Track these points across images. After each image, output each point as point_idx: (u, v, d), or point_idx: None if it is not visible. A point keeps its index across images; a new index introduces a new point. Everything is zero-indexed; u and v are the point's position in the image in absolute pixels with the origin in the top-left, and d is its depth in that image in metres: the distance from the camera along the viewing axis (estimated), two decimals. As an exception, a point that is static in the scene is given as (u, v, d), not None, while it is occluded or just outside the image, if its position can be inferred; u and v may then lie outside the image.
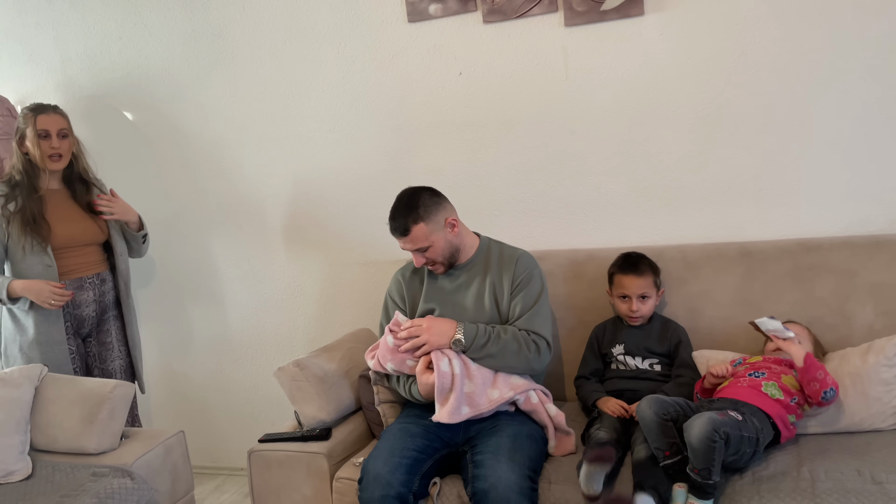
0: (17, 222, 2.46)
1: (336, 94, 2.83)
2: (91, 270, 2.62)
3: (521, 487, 1.84)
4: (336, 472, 2.11)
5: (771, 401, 1.92)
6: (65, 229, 2.54)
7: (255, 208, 3.02)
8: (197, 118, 3.02)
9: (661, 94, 2.47)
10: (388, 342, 2.11)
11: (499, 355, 2.06)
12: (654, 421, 1.83)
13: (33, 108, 2.54)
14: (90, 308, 2.62)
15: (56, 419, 2.26)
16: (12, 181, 2.52)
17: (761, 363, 2.05)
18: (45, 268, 2.49)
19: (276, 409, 3.12)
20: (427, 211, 2.12)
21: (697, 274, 2.35)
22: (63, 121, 2.56)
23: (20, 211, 2.46)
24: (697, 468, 1.72)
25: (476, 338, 2.05)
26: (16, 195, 2.48)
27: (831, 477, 1.76)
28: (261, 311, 3.09)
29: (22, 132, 2.52)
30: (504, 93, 2.63)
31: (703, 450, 1.71)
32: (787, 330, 2.02)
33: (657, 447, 1.84)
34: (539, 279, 2.19)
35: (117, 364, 2.72)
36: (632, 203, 2.56)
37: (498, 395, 2.05)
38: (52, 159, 2.52)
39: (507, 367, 2.08)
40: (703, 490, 1.73)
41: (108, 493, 2.02)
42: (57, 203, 2.57)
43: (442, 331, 2.06)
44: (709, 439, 1.70)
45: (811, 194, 2.38)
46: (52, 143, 2.51)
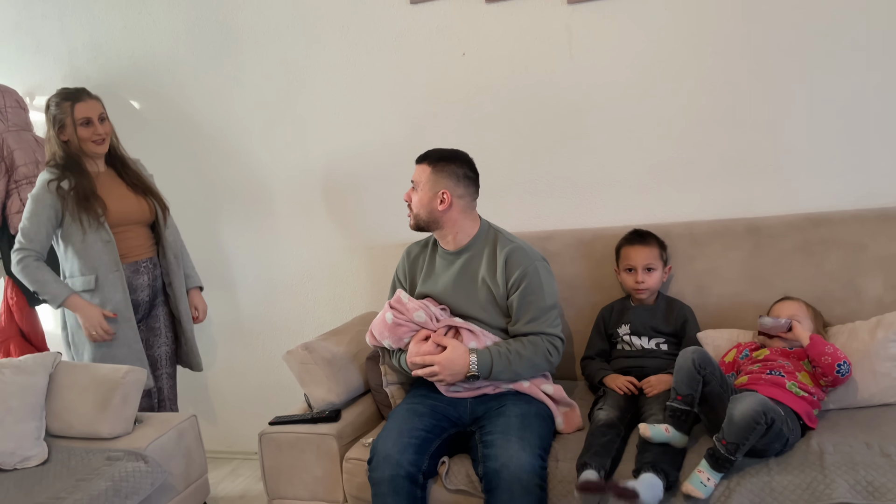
0: (72, 199, 2.44)
1: (340, 79, 2.82)
2: (145, 254, 2.62)
3: (532, 466, 1.85)
4: (346, 453, 2.13)
5: (798, 399, 1.90)
6: (119, 206, 2.53)
7: (263, 194, 3.03)
8: (203, 105, 3.03)
9: (667, 69, 2.44)
10: (387, 319, 2.12)
11: (520, 371, 2.07)
12: (687, 367, 1.84)
13: (67, 96, 2.50)
14: (144, 293, 2.62)
15: (71, 405, 2.29)
16: (59, 165, 2.50)
17: (771, 359, 2.01)
18: (104, 244, 2.47)
19: (288, 394, 3.14)
20: (444, 167, 2.14)
21: (705, 251, 2.34)
22: (99, 105, 2.55)
23: (74, 189, 2.45)
24: (727, 440, 1.71)
25: (493, 366, 2.03)
26: (66, 175, 2.47)
27: (840, 450, 1.76)
28: (271, 297, 3.11)
29: (61, 122, 2.48)
30: (508, 73, 2.61)
31: (743, 427, 1.69)
32: (779, 319, 2.03)
33: (676, 388, 1.86)
34: (536, 273, 2.09)
35: (163, 350, 2.72)
36: (638, 181, 2.54)
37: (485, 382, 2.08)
38: (97, 143, 2.51)
39: (528, 377, 2.09)
40: (720, 463, 1.72)
41: (123, 476, 2.05)
42: (106, 183, 2.55)
43: (456, 370, 2.03)
44: (753, 419, 1.68)
45: (819, 168, 2.36)
46: (97, 130, 2.50)
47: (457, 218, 2.16)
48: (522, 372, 2.06)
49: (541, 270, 2.11)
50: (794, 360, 1.99)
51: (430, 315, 2.12)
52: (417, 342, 2.10)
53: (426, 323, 2.11)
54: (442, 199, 2.13)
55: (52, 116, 2.51)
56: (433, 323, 2.12)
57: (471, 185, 2.18)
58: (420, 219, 2.17)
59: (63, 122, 2.48)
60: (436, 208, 2.14)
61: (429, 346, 2.07)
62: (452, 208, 2.14)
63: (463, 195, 2.16)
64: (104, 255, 2.49)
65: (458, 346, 2.05)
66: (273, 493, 2.24)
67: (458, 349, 2.04)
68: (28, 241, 2.44)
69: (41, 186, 2.46)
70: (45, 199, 2.45)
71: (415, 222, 2.19)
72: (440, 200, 2.13)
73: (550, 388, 2.11)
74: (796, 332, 2.00)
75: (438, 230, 2.19)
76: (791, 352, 2.01)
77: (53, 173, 2.48)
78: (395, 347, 2.17)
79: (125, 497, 2.02)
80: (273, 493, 2.24)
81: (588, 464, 1.83)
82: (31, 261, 2.44)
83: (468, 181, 2.17)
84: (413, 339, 2.12)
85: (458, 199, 2.15)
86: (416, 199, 2.16)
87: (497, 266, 2.13)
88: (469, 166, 2.18)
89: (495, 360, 2.03)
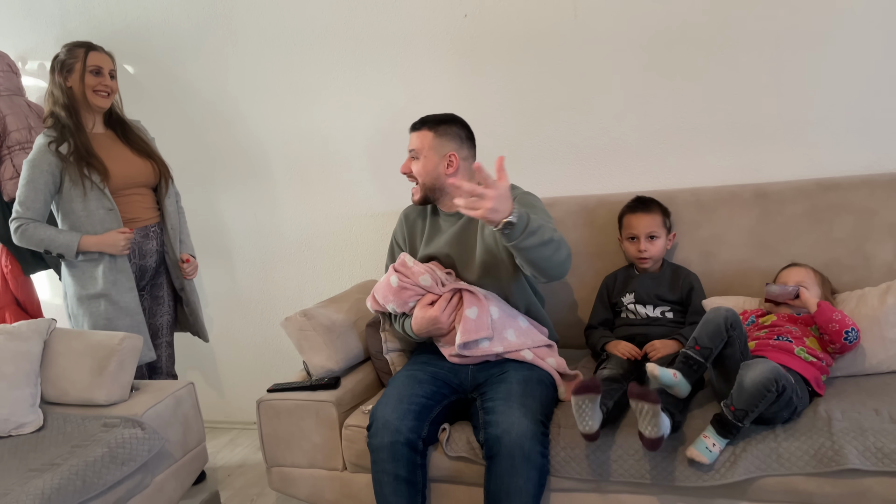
0: (72, 162, 2.37)
1: (339, 42, 2.76)
2: (153, 218, 2.56)
3: (533, 433, 1.82)
4: (345, 421, 2.10)
5: (807, 364, 1.86)
6: (122, 168, 2.47)
7: (260, 161, 2.98)
8: (198, 70, 2.97)
9: (673, 32, 2.38)
10: (392, 282, 2.09)
11: (547, 240, 1.78)
12: (717, 322, 1.77)
13: (82, 44, 2.45)
14: (153, 258, 2.57)
15: (66, 372, 2.26)
16: (60, 122, 2.42)
17: (778, 324, 1.98)
18: (106, 211, 2.42)
19: (287, 363, 3.12)
20: (445, 130, 2.09)
21: (711, 217, 2.29)
22: (112, 62, 2.49)
23: (74, 151, 2.38)
24: (735, 407, 1.67)
25: (530, 220, 1.75)
26: (66, 136, 2.40)
27: (848, 417, 1.73)
28: (268, 266, 3.07)
29: (69, 66, 2.41)
30: (511, 34, 2.55)
31: (753, 394, 1.65)
32: (786, 286, 1.99)
33: (697, 338, 1.79)
34: (532, 195, 2.07)
35: (165, 319, 2.68)
36: (643, 146, 2.49)
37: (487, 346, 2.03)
38: (100, 94, 2.44)
39: (551, 255, 1.80)
40: (726, 429, 1.69)
41: (119, 442, 2.03)
42: (105, 145, 2.49)
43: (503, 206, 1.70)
44: (764, 387, 1.65)
45: (829, 133, 2.30)
46: (105, 81, 2.44)
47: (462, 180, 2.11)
48: (549, 241, 1.78)
49: (536, 197, 2.07)
50: (802, 326, 1.95)
51: (435, 279, 2.08)
52: (423, 306, 2.06)
53: (432, 287, 2.07)
54: (450, 162, 2.09)
55: (60, 63, 2.43)
56: (439, 287, 2.08)
57: (472, 146, 2.16)
58: (427, 188, 2.13)
59: (72, 66, 2.41)
60: (443, 173, 2.10)
61: (436, 309, 2.03)
62: (459, 171, 2.11)
63: (467, 156, 2.13)
64: (108, 222, 2.43)
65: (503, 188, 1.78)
66: (272, 460, 2.22)
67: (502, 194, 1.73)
68: (25, 208, 2.38)
69: (39, 149, 2.39)
70: (43, 163, 2.37)
71: (422, 194, 2.14)
72: (448, 164, 2.09)
73: (554, 361, 2.07)
74: (804, 298, 1.96)
75: (443, 197, 2.14)
76: (798, 318, 1.98)
77: (50, 135, 2.41)
78: (399, 312, 2.13)
79: (122, 464, 2.00)
80: (272, 460, 2.22)
81: None
82: (26, 226, 2.39)
83: (469, 142, 2.15)
84: (418, 304, 2.08)
85: (464, 160, 2.12)
86: (419, 168, 2.11)
87: None
88: (466, 127, 2.16)
89: (532, 218, 1.76)
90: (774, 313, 2.02)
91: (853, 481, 1.65)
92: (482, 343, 2.03)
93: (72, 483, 1.86)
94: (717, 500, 1.76)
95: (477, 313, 2.01)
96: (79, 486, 1.87)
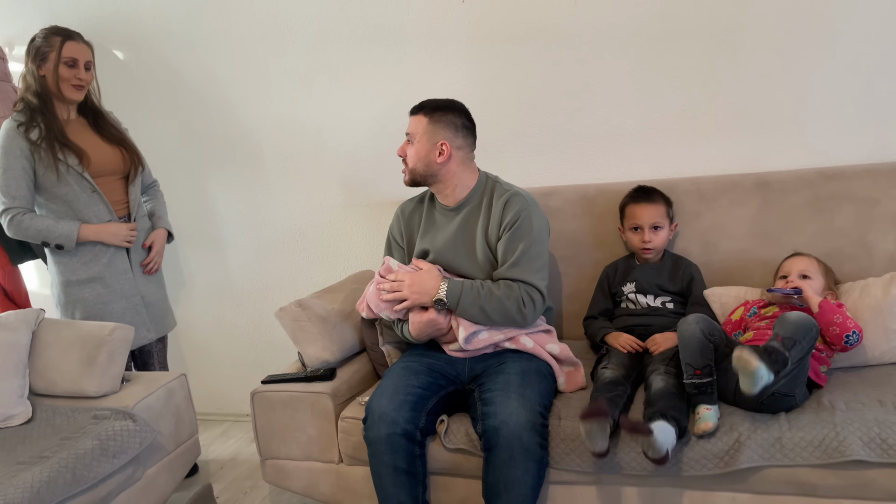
0: (44, 147, 2.30)
1: (333, 28, 2.71)
2: (121, 213, 2.48)
3: (532, 424, 1.79)
4: (341, 412, 2.07)
5: None
6: (95, 155, 2.40)
7: (253, 149, 2.93)
8: (189, 55, 2.91)
9: (674, 18, 2.35)
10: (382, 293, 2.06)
11: (489, 313, 1.95)
12: (696, 338, 1.76)
13: (59, 32, 2.37)
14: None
15: (55, 363, 2.22)
16: (30, 106, 2.36)
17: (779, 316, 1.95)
18: (90, 195, 2.36)
19: (280, 354, 3.08)
20: (441, 117, 2.05)
21: (712, 207, 2.27)
22: (90, 52, 2.42)
23: (45, 136, 2.32)
24: (782, 336, 1.63)
25: (461, 296, 1.95)
26: (37, 121, 2.33)
27: (852, 407, 1.71)
28: (261, 255, 3.03)
29: (44, 54, 2.34)
30: (509, 21, 2.51)
31: (799, 325, 1.65)
32: (787, 290, 1.96)
33: (689, 363, 1.77)
34: (529, 221, 1.99)
35: None
36: (643, 135, 2.46)
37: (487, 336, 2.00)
38: (75, 88, 2.38)
39: (497, 324, 1.98)
40: (774, 359, 1.60)
41: (110, 434, 1.98)
42: (78, 132, 2.43)
43: (424, 289, 1.99)
44: (807, 322, 1.66)
45: (831, 121, 2.28)
46: (79, 74, 2.37)
47: (455, 170, 2.07)
48: (491, 313, 1.95)
49: (534, 217, 2.01)
50: None
51: None
52: (418, 311, 2.02)
53: None
54: (441, 151, 2.04)
55: (35, 48, 2.36)
56: None
57: (469, 136, 2.09)
58: (416, 173, 2.07)
59: (46, 55, 2.34)
60: (434, 161, 2.04)
61: (431, 311, 2.00)
62: (451, 160, 2.05)
63: (462, 146, 2.07)
64: (93, 205, 2.37)
65: (431, 269, 2.03)
66: (266, 453, 2.18)
67: (432, 272, 2.02)
68: (11, 198, 2.32)
69: (7, 134, 2.32)
70: (14, 147, 2.30)
71: (410, 177, 2.09)
72: (439, 152, 2.04)
73: (556, 348, 2.04)
74: (807, 297, 1.92)
75: (436, 184, 2.10)
76: (801, 310, 1.94)
77: (19, 119, 2.34)
78: (393, 319, 2.09)
79: (112, 456, 1.96)
80: (266, 453, 2.18)
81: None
82: (21, 216, 2.33)
83: (466, 131, 2.08)
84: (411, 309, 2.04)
85: (457, 150, 2.06)
86: (412, 152, 2.06)
87: (493, 213, 2.04)
88: (466, 116, 2.10)
89: (465, 291, 1.95)
90: (777, 305, 2.00)
91: (857, 472, 1.63)
92: (481, 334, 1.99)
93: (62, 476, 1.82)
94: (720, 490, 1.74)
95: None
96: (69, 478, 1.84)
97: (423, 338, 2.06)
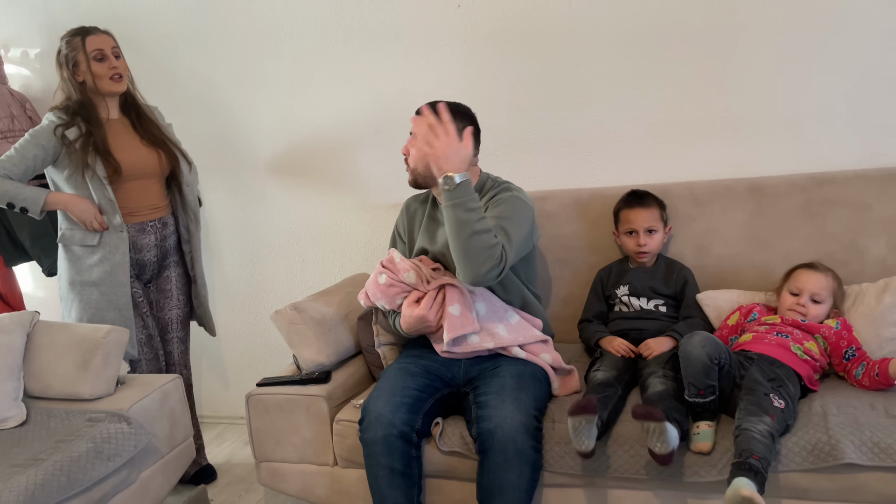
0: (77, 151, 2.29)
1: (329, 31, 2.71)
2: (154, 214, 2.48)
3: (526, 427, 1.80)
4: (336, 415, 2.07)
5: (800, 360, 1.85)
6: (127, 157, 2.38)
7: (249, 151, 2.93)
8: (185, 58, 2.91)
9: (668, 24, 2.36)
10: (380, 280, 2.06)
11: (475, 223, 1.79)
12: (702, 362, 1.73)
13: (77, 32, 2.35)
14: (151, 253, 2.49)
15: (50, 365, 2.21)
16: (70, 109, 2.35)
17: (780, 325, 1.95)
18: (108, 203, 2.34)
19: (275, 357, 3.09)
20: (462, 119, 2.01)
21: (705, 211, 2.28)
22: (112, 39, 2.40)
23: (82, 138, 2.30)
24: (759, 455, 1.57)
25: (466, 197, 1.78)
26: (76, 121, 2.32)
27: (844, 411, 1.72)
28: (257, 259, 3.03)
29: (73, 59, 2.33)
30: (504, 26, 2.52)
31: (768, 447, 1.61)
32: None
33: (693, 384, 1.75)
34: (513, 202, 1.96)
35: (174, 314, 2.60)
36: (637, 139, 2.47)
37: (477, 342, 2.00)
38: (115, 80, 2.36)
39: (466, 252, 1.79)
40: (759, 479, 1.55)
41: (105, 437, 1.98)
42: (117, 131, 2.42)
43: (447, 157, 1.79)
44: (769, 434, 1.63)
45: (823, 127, 2.30)
46: (112, 63, 2.35)
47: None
48: (470, 235, 1.78)
49: (517, 200, 1.98)
50: (805, 333, 1.93)
51: (421, 276, 2.05)
52: (410, 304, 2.03)
53: (417, 284, 2.04)
54: None
55: (63, 57, 2.35)
56: (424, 284, 2.05)
57: (474, 143, 2.06)
58: (418, 174, 2.07)
59: (76, 59, 2.33)
60: None
61: (422, 307, 2.00)
62: None
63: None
64: (107, 214, 2.36)
65: (468, 153, 1.87)
66: (261, 455, 2.18)
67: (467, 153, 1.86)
68: (2, 167, 2.29)
69: (46, 128, 2.32)
70: (42, 138, 2.30)
71: (413, 178, 2.09)
72: None
73: (549, 357, 2.04)
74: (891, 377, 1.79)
75: (436, 187, 2.10)
76: (803, 324, 1.95)
77: (61, 118, 2.34)
78: (388, 309, 2.10)
79: (107, 459, 1.95)
80: (261, 455, 2.18)
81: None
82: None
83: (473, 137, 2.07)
84: (405, 302, 2.05)
85: None
86: (414, 152, 2.05)
87: (485, 200, 2.03)
88: (475, 121, 2.09)
89: (472, 197, 1.80)
90: (780, 315, 2.00)
91: (849, 476, 1.64)
92: (471, 338, 2.00)
93: (56, 479, 1.82)
94: (713, 495, 1.75)
95: (460, 310, 1.99)
96: (63, 482, 1.83)
97: (413, 333, 2.06)
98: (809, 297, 1.98)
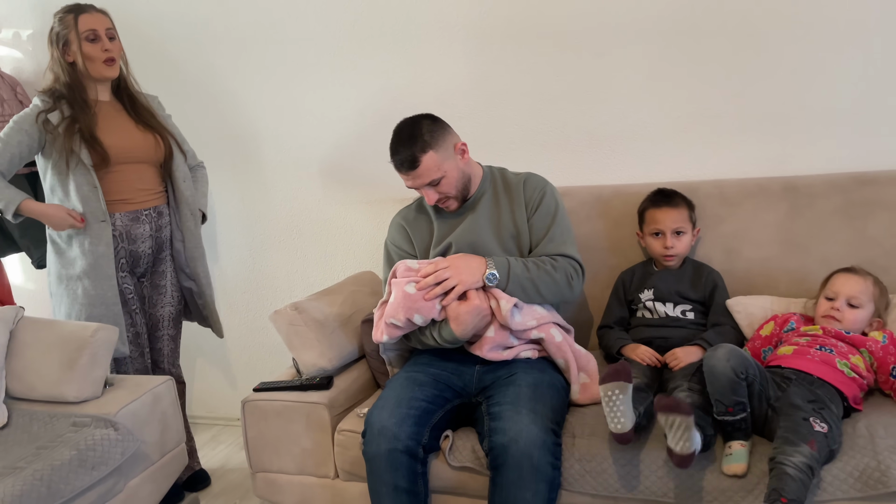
0: (61, 135, 2.17)
1: (336, 16, 2.57)
2: (150, 202, 2.35)
3: (544, 441, 1.66)
4: (338, 424, 1.95)
5: (847, 379, 1.70)
6: (117, 140, 2.26)
7: (249, 142, 2.80)
8: (185, 42, 2.77)
9: (697, 10, 2.22)
10: (409, 291, 1.87)
11: (540, 286, 1.88)
12: (727, 377, 1.60)
13: (70, 9, 2.23)
14: (146, 244, 2.35)
15: (33, 365, 2.09)
16: (56, 93, 2.23)
17: (823, 337, 1.80)
18: (90, 189, 2.22)
19: (273, 357, 2.96)
20: (434, 138, 1.90)
21: (735, 212, 2.14)
22: (108, 20, 2.27)
23: (67, 122, 2.18)
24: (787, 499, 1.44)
25: (511, 269, 1.87)
26: (59, 106, 2.21)
27: (892, 433, 1.58)
28: (256, 254, 2.89)
29: (64, 38, 2.20)
30: (521, 10, 2.37)
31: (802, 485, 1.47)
32: None
33: (720, 400, 1.62)
34: (553, 196, 2.01)
35: (167, 311, 2.46)
36: (663, 134, 2.33)
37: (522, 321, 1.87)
38: (107, 64, 2.24)
39: (544, 297, 1.90)
40: None
41: (90, 444, 1.86)
42: (107, 113, 2.29)
43: (471, 268, 1.86)
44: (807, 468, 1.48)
45: (865, 122, 2.15)
46: (104, 45, 2.22)
47: (470, 163, 2.03)
48: (541, 285, 1.88)
49: (556, 194, 2.04)
50: (849, 346, 1.78)
51: None
52: (457, 303, 1.85)
53: None
54: (462, 152, 1.97)
55: (55, 35, 2.23)
56: None
57: (451, 128, 2.00)
58: (461, 190, 1.99)
59: (67, 37, 2.20)
60: (465, 169, 1.98)
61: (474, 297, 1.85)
62: (466, 152, 1.99)
63: (458, 137, 2.00)
64: (91, 201, 2.23)
65: (464, 254, 1.92)
66: (257, 465, 2.05)
67: (467, 255, 1.91)
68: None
69: (29, 113, 2.21)
70: (25, 124, 2.19)
71: (459, 199, 2.00)
72: (461, 155, 1.97)
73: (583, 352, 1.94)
74: None
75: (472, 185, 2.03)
76: (848, 336, 1.79)
77: (45, 103, 2.22)
78: (429, 319, 1.90)
79: (92, 467, 1.83)
80: (257, 465, 2.05)
81: None
82: None
83: (447, 125, 1.98)
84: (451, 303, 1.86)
85: (463, 144, 2.00)
86: (447, 183, 1.93)
87: (515, 196, 2.01)
88: (431, 118, 1.96)
89: (513, 264, 1.88)
90: (820, 326, 1.85)
91: (899, 504, 1.50)
92: (515, 316, 1.86)
93: (35, 489, 1.70)
94: (748, 523, 1.61)
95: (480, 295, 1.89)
96: (43, 492, 1.71)
97: (470, 332, 1.87)
98: (845, 301, 1.84)
